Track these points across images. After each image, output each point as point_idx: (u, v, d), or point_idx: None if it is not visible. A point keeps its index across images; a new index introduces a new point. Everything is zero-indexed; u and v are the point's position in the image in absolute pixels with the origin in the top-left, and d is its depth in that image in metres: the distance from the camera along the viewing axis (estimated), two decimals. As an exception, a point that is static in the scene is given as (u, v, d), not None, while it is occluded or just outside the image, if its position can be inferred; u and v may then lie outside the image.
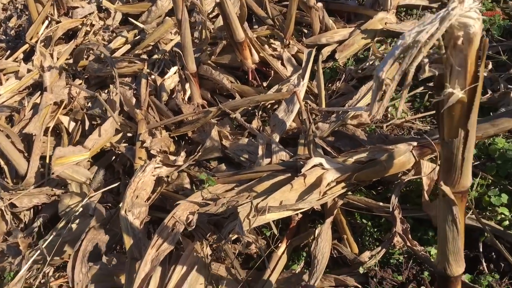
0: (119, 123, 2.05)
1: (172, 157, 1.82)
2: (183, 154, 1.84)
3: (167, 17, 2.64)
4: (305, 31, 2.43)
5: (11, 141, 2.05)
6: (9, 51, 3.26)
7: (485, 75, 1.77)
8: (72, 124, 2.35)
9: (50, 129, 2.27)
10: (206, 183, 1.59)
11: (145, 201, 1.67)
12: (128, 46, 2.73)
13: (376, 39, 2.18)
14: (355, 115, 1.77)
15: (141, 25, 2.65)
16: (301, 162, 1.54)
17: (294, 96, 1.85)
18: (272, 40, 2.29)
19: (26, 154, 2.09)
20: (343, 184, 1.47)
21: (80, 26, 3.17)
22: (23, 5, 4.22)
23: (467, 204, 1.36)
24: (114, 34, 2.97)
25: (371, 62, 2.07)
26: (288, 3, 2.32)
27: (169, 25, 2.58)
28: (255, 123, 1.95)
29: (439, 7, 2.31)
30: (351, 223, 1.53)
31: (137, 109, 2.09)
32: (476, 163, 1.47)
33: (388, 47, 2.18)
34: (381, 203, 1.48)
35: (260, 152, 1.71)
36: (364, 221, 1.51)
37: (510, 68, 1.78)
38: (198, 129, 2.02)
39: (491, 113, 1.62)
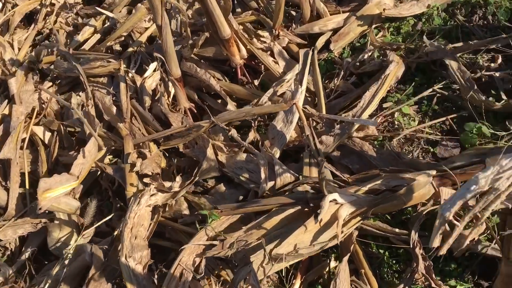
0: (102, 143, 1.88)
1: (167, 184, 1.68)
2: (178, 179, 1.70)
3: (139, 4, 2.37)
4: (293, 13, 2.23)
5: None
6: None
7: (497, 74, 1.65)
8: (48, 134, 2.17)
9: (25, 143, 2.08)
10: (209, 219, 1.48)
11: (145, 239, 1.56)
12: (97, 36, 2.48)
13: (373, 26, 2.00)
14: (361, 127, 1.65)
15: (111, 14, 2.38)
16: (311, 193, 1.44)
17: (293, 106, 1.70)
18: (260, 32, 2.09)
19: (1, 181, 1.92)
20: (358, 218, 1.38)
21: (39, 7, 2.87)
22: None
23: (488, 232, 1.32)
24: (79, 18, 2.70)
25: (369, 53, 1.92)
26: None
27: (142, 13, 2.33)
28: (252, 135, 1.81)
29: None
30: (366, 252, 1.46)
31: (120, 124, 1.91)
32: None
33: (386, 34, 2.02)
34: (397, 230, 1.41)
35: (262, 175, 1.59)
36: (381, 251, 1.43)
37: (522, 63, 1.67)
38: (190, 142, 1.87)
39: (506, 122, 1.52)
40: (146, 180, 1.71)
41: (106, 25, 2.50)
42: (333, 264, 1.47)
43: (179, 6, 1.89)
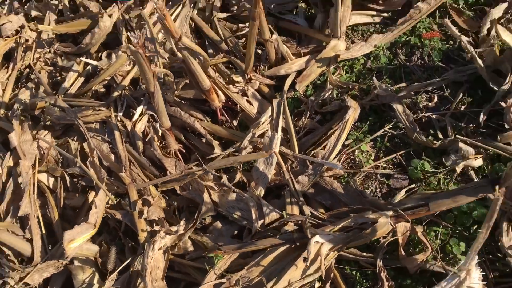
0: (110, 193, 2.17)
1: (173, 228, 2.01)
2: (182, 222, 2.03)
3: (120, 52, 2.59)
4: (259, 51, 2.53)
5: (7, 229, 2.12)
6: None
7: (433, 116, 2.05)
8: (51, 179, 2.42)
9: (34, 191, 2.33)
10: (215, 259, 1.84)
11: (162, 279, 1.90)
12: (81, 80, 2.69)
13: (331, 67, 2.34)
14: (329, 168, 2.02)
15: (94, 62, 2.59)
16: (296, 234, 1.82)
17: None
18: (234, 76, 2.38)
19: (23, 234, 2.18)
20: (335, 252, 1.77)
21: (15, 45, 3.01)
22: None
23: (433, 253, 1.74)
24: (58, 58, 2.88)
25: (329, 92, 2.27)
26: (247, 33, 2.42)
27: (124, 60, 2.56)
28: (238, 175, 2.15)
29: (381, 21, 2.47)
30: (342, 273, 1.86)
31: (122, 173, 2.20)
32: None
33: (342, 73, 2.36)
34: (364, 254, 1.82)
35: (253, 216, 1.94)
36: (353, 272, 1.85)
37: (452, 103, 2.07)
38: (186, 184, 2.19)
39: (443, 158, 1.92)
40: (156, 227, 2.03)
41: (88, 68, 2.71)
42: (317, 285, 1.87)
43: (167, 72, 2.16)
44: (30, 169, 2.32)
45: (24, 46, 2.98)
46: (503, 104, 1.88)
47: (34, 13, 3.08)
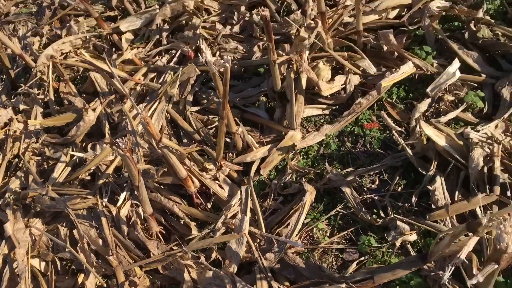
0: (99, 276, 2.44)
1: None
2: (167, 301, 2.32)
3: (104, 145, 2.92)
4: (228, 139, 2.91)
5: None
6: None
7: (375, 197, 2.45)
8: (43, 263, 2.67)
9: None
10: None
11: None
12: (68, 169, 2.99)
13: (290, 154, 2.74)
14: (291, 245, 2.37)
15: (80, 155, 2.91)
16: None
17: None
18: (206, 164, 2.74)
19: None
20: (300, 321, 2.10)
21: (4, 137, 3.30)
22: None
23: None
24: (45, 148, 3.18)
25: (289, 176, 2.65)
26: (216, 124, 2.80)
27: (108, 151, 2.89)
28: (214, 254, 2.47)
29: (330, 113, 2.91)
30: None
31: (109, 257, 2.48)
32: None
33: (299, 158, 2.76)
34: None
35: (229, 293, 2.26)
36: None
37: (391, 185, 2.48)
38: (167, 264, 2.49)
39: (385, 234, 2.31)
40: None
41: (74, 158, 3.02)
42: None
43: (150, 167, 2.51)
44: (25, 256, 2.57)
45: (12, 137, 3.28)
46: (429, 187, 2.30)
47: (22, 106, 3.39)
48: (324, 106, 2.89)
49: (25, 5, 4.43)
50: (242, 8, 3.47)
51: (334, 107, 2.90)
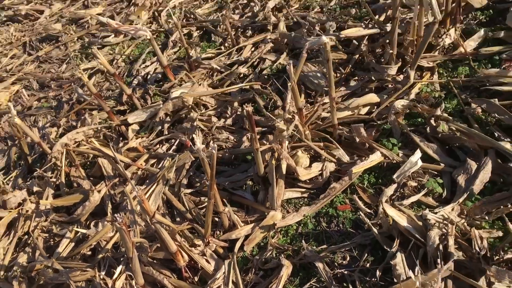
0: None
1: None
2: None
3: (106, 222, 3.26)
4: (216, 219, 3.22)
5: None
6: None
7: (346, 272, 2.71)
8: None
9: None
10: None
11: None
12: (71, 245, 3.29)
13: (271, 232, 3.04)
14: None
15: (83, 231, 3.23)
16: None
17: (223, 304, 2.62)
18: (195, 241, 3.04)
19: None
20: None
21: (17, 215, 3.65)
22: None
23: None
24: (53, 226, 3.51)
25: (270, 252, 2.92)
26: (205, 207, 3.14)
27: (108, 228, 3.21)
28: (198, 324, 2.69)
29: (308, 196, 3.25)
30: None
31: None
32: None
33: (280, 236, 3.05)
34: None
35: None
36: None
37: (360, 261, 2.74)
38: (154, 332, 2.70)
39: (352, 305, 2.53)
40: None
41: (78, 234, 3.33)
42: None
43: (144, 241, 2.82)
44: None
45: (24, 216, 3.62)
46: (391, 262, 2.57)
47: (35, 188, 3.78)
48: (303, 190, 3.23)
49: (46, 100, 4.98)
50: (235, 103, 3.95)
51: (312, 191, 3.23)
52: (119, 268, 3.04)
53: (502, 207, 2.64)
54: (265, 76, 4.12)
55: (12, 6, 6.80)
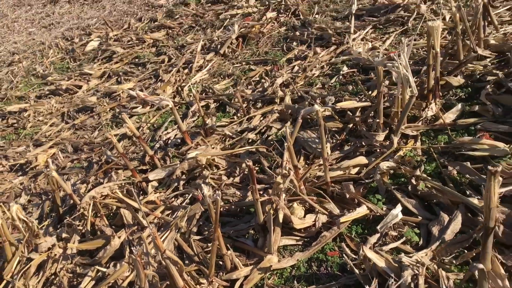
0: None
1: None
2: None
3: (123, 262, 3.71)
4: (221, 263, 3.63)
5: None
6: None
7: (330, 306, 3.06)
8: None
9: None
10: None
11: None
12: (92, 283, 3.72)
13: (267, 273, 3.43)
14: None
15: (103, 269, 3.68)
16: None
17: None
18: (200, 279, 3.45)
19: None
20: None
21: (46, 258, 4.12)
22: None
23: None
24: (77, 267, 3.97)
25: (266, 291, 3.30)
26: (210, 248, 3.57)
27: (125, 268, 3.65)
28: None
29: (302, 243, 3.65)
30: None
31: None
32: None
33: (275, 278, 3.44)
34: None
35: None
36: None
37: (343, 298, 3.09)
38: None
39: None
40: None
41: (99, 274, 3.78)
42: None
43: (155, 274, 3.25)
44: None
45: (53, 259, 4.09)
46: (368, 297, 2.93)
47: (64, 235, 4.28)
48: (298, 238, 3.64)
49: (79, 161, 5.61)
50: (243, 165, 4.48)
51: (305, 239, 3.64)
52: (132, 303, 3.45)
53: (466, 251, 3.02)
54: (271, 142, 4.68)
55: (55, 81, 7.70)
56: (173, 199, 4.36)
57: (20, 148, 6.24)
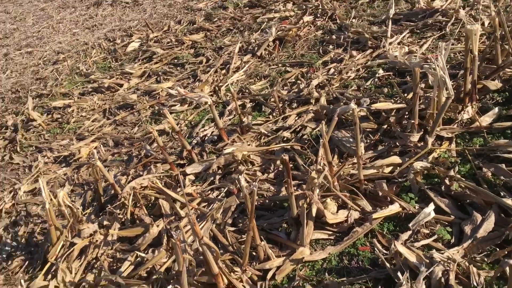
0: None
1: None
2: None
3: (161, 249, 3.88)
4: (254, 253, 3.75)
5: None
6: (31, 267, 4.35)
7: (360, 297, 3.14)
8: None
9: None
10: None
11: None
12: (131, 267, 3.91)
13: (299, 265, 3.53)
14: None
15: (142, 254, 3.86)
16: None
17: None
18: (234, 268, 3.58)
19: None
20: None
21: (88, 243, 4.34)
22: (25, 211, 5.34)
23: None
24: (117, 252, 4.16)
25: (297, 282, 3.40)
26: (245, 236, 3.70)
27: (163, 254, 3.82)
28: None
29: (334, 238, 3.74)
30: None
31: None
32: None
33: (306, 269, 3.53)
34: None
35: None
36: None
37: (374, 291, 3.16)
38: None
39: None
40: None
41: (138, 259, 3.96)
42: None
43: (192, 259, 3.39)
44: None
45: (94, 245, 4.31)
46: (399, 291, 2.99)
47: (105, 222, 4.49)
48: (330, 233, 3.73)
49: (119, 155, 5.85)
50: (278, 162, 4.60)
51: (337, 234, 3.73)
52: (169, 287, 3.60)
53: (498, 250, 3.05)
54: (305, 140, 4.78)
55: (98, 80, 8.02)
56: (209, 192, 4.51)
57: (64, 141, 6.53)
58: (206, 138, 5.46)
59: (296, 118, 5.21)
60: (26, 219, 5.18)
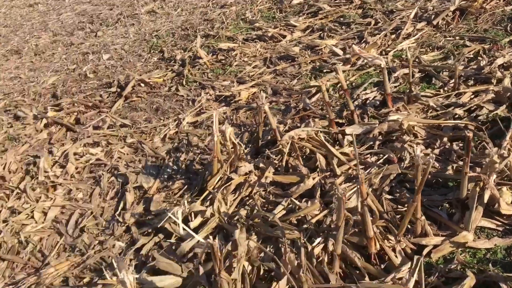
0: None
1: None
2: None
3: (315, 200, 3.94)
4: (409, 226, 3.64)
5: None
6: (189, 192, 4.73)
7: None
8: (249, 267, 3.65)
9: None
10: None
11: None
12: (283, 212, 4.05)
13: (459, 249, 3.35)
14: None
15: (298, 203, 3.95)
16: None
17: (406, 288, 3.03)
18: (388, 235, 3.51)
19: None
20: None
21: (243, 181, 4.57)
22: (186, 139, 5.77)
23: None
24: (270, 195, 4.33)
25: (455, 265, 3.23)
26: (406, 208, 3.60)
27: (317, 206, 3.88)
28: None
29: (503, 230, 3.45)
30: None
31: (300, 274, 3.34)
32: None
33: (467, 255, 3.33)
34: None
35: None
36: None
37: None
38: (340, 293, 3.23)
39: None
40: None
41: (290, 205, 4.08)
42: None
43: (351, 218, 3.39)
44: (242, 257, 3.58)
45: (248, 184, 4.52)
46: None
47: (261, 164, 4.68)
48: (499, 223, 3.46)
49: (277, 104, 5.99)
50: (445, 139, 4.33)
51: (507, 226, 3.44)
52: (319, 239, 3.66)
53: None
54: (479, 122, 4.42)
55: (262, 28, 8.21)
56: (367, 155, 4.43)
57: (225, 82, 6.86)
58: (368, 102, 5.33)
59: (472, 96, 4.82)
60: (187, 147, 5.59)
